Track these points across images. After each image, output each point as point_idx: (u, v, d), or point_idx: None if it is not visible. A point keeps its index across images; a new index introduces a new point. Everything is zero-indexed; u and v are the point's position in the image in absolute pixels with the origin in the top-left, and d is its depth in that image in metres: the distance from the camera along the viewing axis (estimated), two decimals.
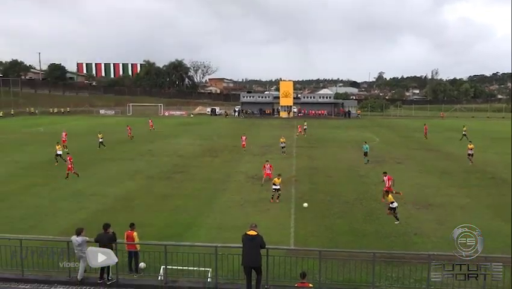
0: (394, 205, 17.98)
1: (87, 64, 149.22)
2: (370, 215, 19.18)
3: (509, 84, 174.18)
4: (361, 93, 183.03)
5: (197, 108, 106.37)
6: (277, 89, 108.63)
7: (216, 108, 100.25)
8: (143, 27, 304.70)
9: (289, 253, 13.14)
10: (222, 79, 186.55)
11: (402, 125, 69.37)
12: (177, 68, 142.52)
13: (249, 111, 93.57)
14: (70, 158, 26.67)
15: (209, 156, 35.90)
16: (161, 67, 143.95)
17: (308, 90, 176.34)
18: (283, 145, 36.94)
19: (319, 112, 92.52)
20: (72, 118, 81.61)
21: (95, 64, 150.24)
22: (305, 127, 55.28)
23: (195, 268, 11.89)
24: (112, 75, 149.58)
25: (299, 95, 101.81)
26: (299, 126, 53.97)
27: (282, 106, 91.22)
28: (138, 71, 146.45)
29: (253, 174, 27.65)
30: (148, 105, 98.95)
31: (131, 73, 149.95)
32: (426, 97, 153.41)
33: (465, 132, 46.79)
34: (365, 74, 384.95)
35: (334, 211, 19.98)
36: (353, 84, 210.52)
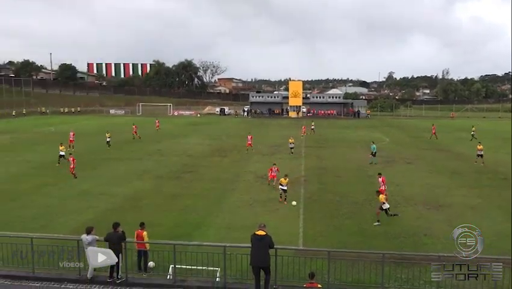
0: (385, 206, 17.82)
1: (97, 64, 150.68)
2: (379, 215, 19.02)
3: None
4: (370, 92, 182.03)
5: (207, 108, 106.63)
6: (287, 89, 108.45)
7: (225, 108, 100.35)
8: (152, 27, 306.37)
9: (298, 253, 13.12)
10: (231, 79, 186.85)
11: (412, 125, 68.85)
12: (187, 68, 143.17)
13: (258, 111, 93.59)
14: (73, 158, 26.82)
15: (218, 156, 35.97)
16: (170, 67, 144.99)
17: (317, 89, 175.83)
18: (292, 146, 36.92)
19: (328, 112, 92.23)
20: (83, 117, 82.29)
21: (105, 64, 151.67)
22: (312, 127, 55.16)
23: (204, 268, 11.93)
24: (122, 75, 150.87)
25: (308, 95, 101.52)
26: (303, 127, 53.86)
27: (291, 106, 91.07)
28: (148, 71, 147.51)
29: (262, 174, 27.63)
30: (157, 104, 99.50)
31: (140, 73, 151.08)
32: (436, 97, 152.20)
33: (473, 133, 46.34)
34: (375, 74, 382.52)
35: (342, 211, 19.89)
36: (363, 84, 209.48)
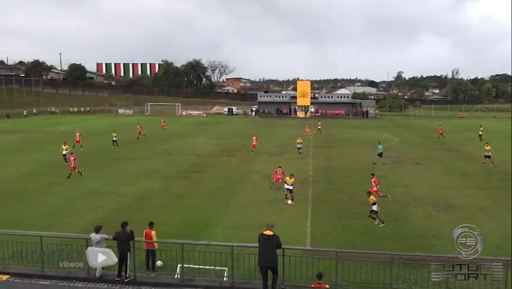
0: (374, 208, 17.66)
1: (106, 64, 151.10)
2: (388, 216, 18.91)
3: None
4: (379, 92, 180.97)
5: (215, 108, 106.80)
6: (295, 89, 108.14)
7: (233, 108, 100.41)
8: (161, 27, 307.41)
9: (305, 253, 13.09)
10: (239, 79, 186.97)
11: (421, 125, 68.35)
12: (195, 68, 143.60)
13: (266, 111, 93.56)
14: (74, 157, 26.99)
15: (226, 155, 36.02)
16: (179, 66, 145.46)
17: (325, 89, 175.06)
18: (299, 146, 36.68)
19: (336, 112, 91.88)
20: (92, 117, 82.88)
21: (114, 64, 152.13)
22: (319, 127, 54.97)
23: (211, 267, 11.94)
24: (131, 75, 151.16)
25: (317, 95, 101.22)
26: (307, 126, 53.68)
27: (299, 106, 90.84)
28: (157, 71, 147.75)
29: (270, 173, 27.53)
30: (166, 104, 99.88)
31: (149, 73, 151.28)
32: (446, 97, 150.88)
33: (481, 133, 45.89)
34: (383, 74, 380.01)
35: (351, 211, 19.81)
36: (372, 84, 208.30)
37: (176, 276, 12.14)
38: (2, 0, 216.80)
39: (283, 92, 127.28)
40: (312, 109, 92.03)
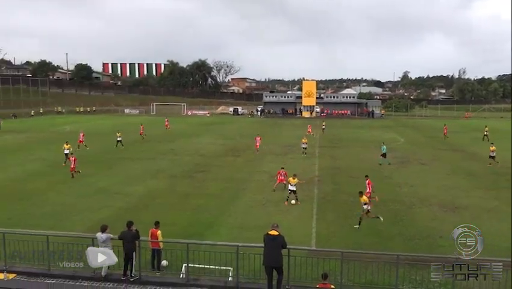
0: (366, 207, 17.54)
1: (112, 64, 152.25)
2: (394, 217, 18.85)
3: None
4: (385, 92, 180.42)
5: (220, 108, 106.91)
6: (300, 89, 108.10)
7: (238, 108, 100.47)
8: (167, 27, 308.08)
9: (310, 253, 13.06)
10: (245, 79, 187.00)
11: (427, 125, 68.01)
12: (201, 68, 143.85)
13: (271, 111, 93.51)
14: (74, 158, 27.09)
15: (231, 155, 36.03)
16: (184, 67, 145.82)
17: (331, 89, 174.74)
18: (305, 146, 36.57)
19: (342, 112, 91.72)
20: (98, 117, 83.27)
21: (120, 64, 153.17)
22: (323, 127, 54.89)
23: (216, 267, 11.95)
24: (137, 75, 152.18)
25: (322, 95, 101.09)
26: (309, 126, 53.57)
27: (304, 106, 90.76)
28: (162, 71, 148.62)
29: (275, 173, 27.52)
30: (171, 104, 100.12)
31: (155, 73, 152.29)
32: (452, 97, 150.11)
33: (486, 133, 45.57)
34: (389, 74, 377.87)
35: (357, 211, 19.66)
36: (377, 84, 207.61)
37: (181, 275, 12.17)
38: (10, 1, 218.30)
39: (288, 92, 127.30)
40: (318, 109, 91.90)
